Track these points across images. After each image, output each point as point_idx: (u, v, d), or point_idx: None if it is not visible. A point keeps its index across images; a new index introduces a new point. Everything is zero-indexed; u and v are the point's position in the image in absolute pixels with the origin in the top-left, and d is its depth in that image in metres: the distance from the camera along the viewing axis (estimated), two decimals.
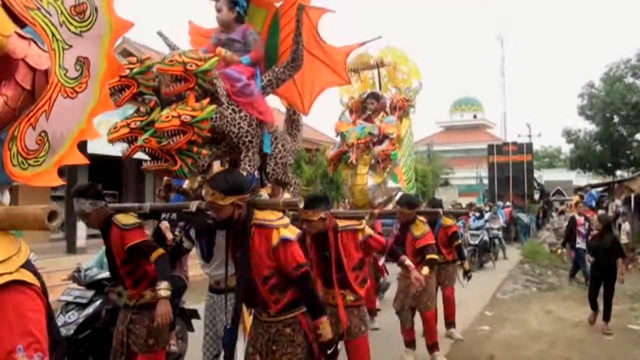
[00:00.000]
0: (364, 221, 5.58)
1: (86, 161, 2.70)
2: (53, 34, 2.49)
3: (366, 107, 9.29)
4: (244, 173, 4.71)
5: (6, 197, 2.64)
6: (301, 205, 4.64)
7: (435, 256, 7.35)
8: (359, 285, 5.49)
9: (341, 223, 5.45)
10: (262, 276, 3.91)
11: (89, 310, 6.41)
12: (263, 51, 5.34)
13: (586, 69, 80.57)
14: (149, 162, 4.47)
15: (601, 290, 10.22)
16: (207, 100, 4.47)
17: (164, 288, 4.64)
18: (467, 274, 9.23)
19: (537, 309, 12.09)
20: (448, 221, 9.20)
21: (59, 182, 2.60)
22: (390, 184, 8.90)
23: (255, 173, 5.22)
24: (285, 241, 3.85)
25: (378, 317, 9.83)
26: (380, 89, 9.67)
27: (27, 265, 2.25)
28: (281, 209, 4.40)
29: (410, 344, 7.85)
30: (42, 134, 2.47)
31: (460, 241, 9.57)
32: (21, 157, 2.40)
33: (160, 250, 4.83)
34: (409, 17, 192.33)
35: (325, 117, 10.16)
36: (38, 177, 2.48)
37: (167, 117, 4.24)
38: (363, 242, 5.48)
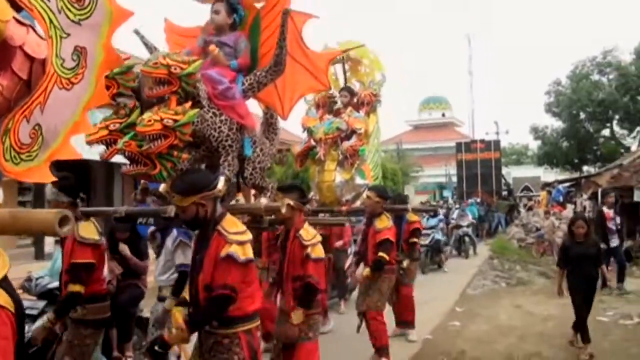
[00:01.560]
0: (318, 237, 5.32)
1: (80, 155, 2.60)
2: (51, 21, 2.38)
3: (334, 102, 9.07)
4: (223, 177, 4.62)
5: None
6: (283, 210, 4.58)
7: (383, 255, 7.22)
8: (295, 295, 5.30)
9: (304, 233, 5.25)
10: (203, 283, 3.81)
11: (40, 322, 5.87)
12: (249, 59, 5.30)
13: (553, 67, 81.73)
14: (128, 166, 4.36)
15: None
16: (189, 103, 4.38)
17: (48, 318, 4.71)
18: (401, 272, 8.77)
19: (507, 303, 12.15)
20: (413, 217, 9.16)
21: (51, 178, 2.51)
22: (358, 180, 8.65)
23: (233, 177, 5.16)
24: (229, 258, 3.72)
25: (342, 320, 9.78)
26: (345, 83, 9.50)
27: (2, 284, 2.11)
28: (262, 214, 4.36)
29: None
30: (36, 127, 2.36)
31: (417, 239, 9.44)
32: (14, 151, 2.30)
33: (78, 288, 4.72)
34: (377, 16, 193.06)
35: (294, 115, 9.85)
36: (30, 173, 2.39)
37: (149, 120, 4.13)
38: (305, 259, 5.21)
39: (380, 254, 7.19)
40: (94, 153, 4.50)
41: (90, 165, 16.29)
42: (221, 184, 4.34)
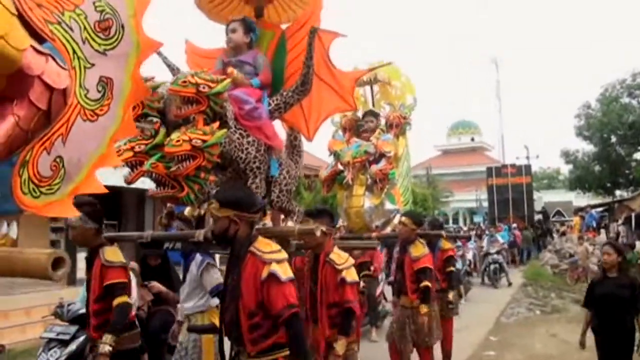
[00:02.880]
0: (350, 260, 5.18)
1: (104, 190, 2.54)
2: (74, 51, 2.33)
3: (361, 125, 8.83)
4: (268, 212, 4.52)
5: (12, 230, 2.48)
6: (318, 233, 4.48)
7: (428, 283, 6.90)
8: (331, 322, 5.13)
9: (336, 257, 5.10)
10: (247, 309, 3.64)
11: (72, 347, 6.07)
12: (271, 75, 5.23)
13: (582, 90, 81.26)
14: (155, 189, 4.32)
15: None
16: (216, 124, 4.32)
17: (105, 342, 4.42)
18: (450, 305, 8.49)
19: (542, 332, 11.89)
20: (446, 244, 8.75)
21: (75, 212, 2.45)
22: (388, 205, 8.35)
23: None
24: (273, 277, 3.56)
25: (373, 348, 9.57)
26: (373, 106, 9.29)
27: None
28: (295, 237, 4.26)
29: None
30: (58, 160, 2.30)
31: (453, 268, 8.93)
32: (33, 184, 2.23)
33: (126, 299, 4.61)
34: (405, 42, 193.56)
35: (319, 139, 9.62)
36: (51, 207, 2.32)
37: (178, 140, 4.08)
38: (340, 284, 5.04)
39: (425, 283, 6.87)
40: (122, 181, 4.45)
41: (121, 192, 16.38)
42: (267, 220, 4.28)
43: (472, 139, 73.72)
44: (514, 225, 30.80)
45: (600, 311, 6.25)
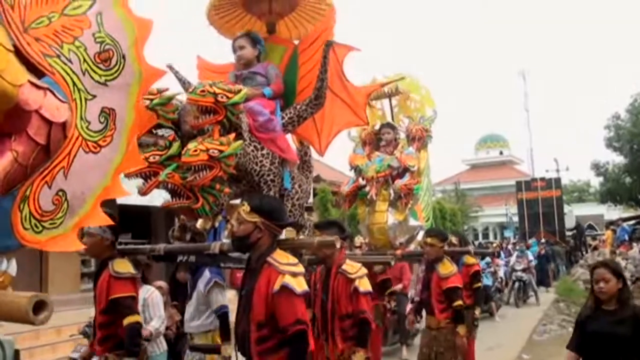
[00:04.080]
0: (363, 270, 5.13)
1: (110, 222, 2.53)
2: (74, 83, 2.32)
3: (380, 138, 8.53)
4: (291, 229, 4.47)
5: (12, 267, 2.44)
6: (338, 245, 4.43)
7: (460, 302, 6.76)
8: (344, 336, 5.05)
9: (348, 267, 5.08)
10: (256, 321, 3.56)
11: None
12: (283, 85, 5.22)
13: (611, 100, 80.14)
14: (170, 199, 4.28)
15: None
16: (233, 134, 4.29)
17: None
18: (474, 323, 8.29)
19: None
20: (471, 260, 8.59)
21: (80, 246, 2.42)
22: (412, 221, 8.10)
23: None
24: (286, 289, 3.47)
25: None
26: (392, 119, 9.01)
27: None
28: (315, 248, 4.23)
29: None
30: (60, 193, 2.28)
31: (480, 284, 8.80)
32: (34, 219, 2.21)
33: (136, 318, 4.53)
34: (430, 55, 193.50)
35: (339, 154, 9.18)
36: (54, 242, 2.29)
37: (195, 150, 4.04)
38: (354, 294, 4.99)
39: (458, 302, 6.70)
40: (155, 199, 4.41)
41: (150, 211, 16.51)
42: (289, 232, 4.24)
43: (501, 153, 73.23)
44: (543, 240, 30.37)
45: (592, 356, 4.68)
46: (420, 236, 7.93)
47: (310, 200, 7.64)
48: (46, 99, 2.19)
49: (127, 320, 4.47)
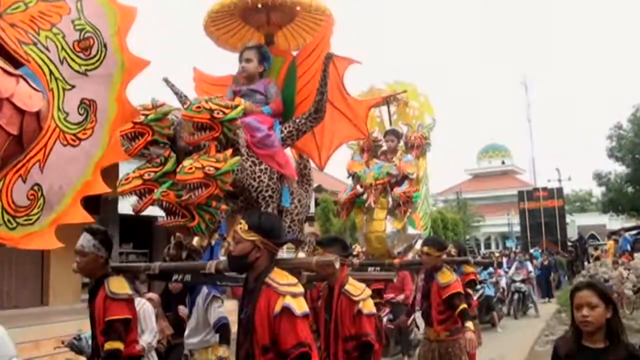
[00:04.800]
0: (367, 291, 4.97)
1: (91, 219, 2.44)
2: (51, 72, 2.20)
3: (379, 145, 8.46)
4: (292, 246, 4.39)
5: None
6: (337, 265, 4.37)
7: (464, 305, 6.50)
8: (348, 357, 4.89)
9: (352, 288, 4.91)
10: (261, 344, 3.45)
11: None
12: (282, 104, 5.13)
13: (613, 110, 79.85)
14: (165, 218, 4.14)
15: None
16: (229, 151, 4.18)
17: None
18: None
19: None
20: (468, 268, 8.38)
21: (57, 244, 2.29)
22: (410, 230, 7.97)
23: None
24: (287, 310, 3.36)
25: None
26: (390, 126, 8.90)
27: None
28: (313, 269, 4.16)
29: None
30: (35, 188, 2.17)
31: (471, 290, 8.51)
32: (7, 214, 2.09)
33: (119, 345, 4.36)
34: (432, 65, 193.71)
35: (337, 160, 9.14)
36: (30, 239, 2.18)
37: (190, 168, 3.91)
38: (357, 315, 4.82)
39: (462, 306, 6.43)
40: (156, 209, 4.33)
41: (151, 221, 16.50)
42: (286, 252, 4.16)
43: (503, 162, 73.38)
44: (539, 250, 30.27)
45: None
46: (418, 245, 7.71)
47: (312, 210, 7.54)
48: (19, 86, 2.09)
49: (109, 345, 4.34)
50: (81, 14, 2.28)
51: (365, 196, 7.74)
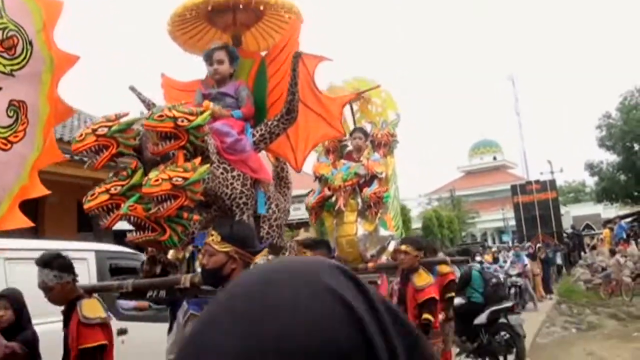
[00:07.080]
0: None
1: (30, 223, 2.30)
2: None
3: (345, 145, 8.11)
4: (265, 252, 4.21)
5: None
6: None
7: (428, 317, 6.21)
8: None
9: None
10: None
11: None
12: (253, 107, 5.01)
13: (601, 100, 79.89)
14: (134, 233, 3.97)
15: None
16: (198, 159, 4.02)
17: None
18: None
19: (579, 351, 11.53)
20: (444, 268, 8.00)
21: None
22: (382, 231, 7.60)
23: None
24: None
25: None
26: (355, 125, 8.52)
27: None
28: None
29: None
30: None
31: (454, 294, 8.26)
32: None
33: None
34: (417, 64, 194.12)
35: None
36: None
37: (157, 180, 3.74)
38: None
39: (425, 316, 6.21)
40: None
41: None
42: (262, 258, 3.98)
43: (494, 158, 73.70)
44: (529, 244, 30.10)
45: None
46: (391, 246, 7.45)
47: (307, 215, 7.30)
48: None
49: None
50: (2, 12, 2.17)
51: (334, 199, 7.33)
